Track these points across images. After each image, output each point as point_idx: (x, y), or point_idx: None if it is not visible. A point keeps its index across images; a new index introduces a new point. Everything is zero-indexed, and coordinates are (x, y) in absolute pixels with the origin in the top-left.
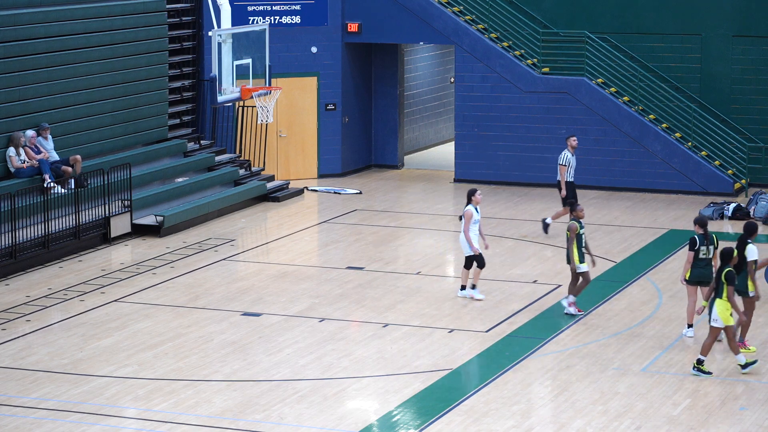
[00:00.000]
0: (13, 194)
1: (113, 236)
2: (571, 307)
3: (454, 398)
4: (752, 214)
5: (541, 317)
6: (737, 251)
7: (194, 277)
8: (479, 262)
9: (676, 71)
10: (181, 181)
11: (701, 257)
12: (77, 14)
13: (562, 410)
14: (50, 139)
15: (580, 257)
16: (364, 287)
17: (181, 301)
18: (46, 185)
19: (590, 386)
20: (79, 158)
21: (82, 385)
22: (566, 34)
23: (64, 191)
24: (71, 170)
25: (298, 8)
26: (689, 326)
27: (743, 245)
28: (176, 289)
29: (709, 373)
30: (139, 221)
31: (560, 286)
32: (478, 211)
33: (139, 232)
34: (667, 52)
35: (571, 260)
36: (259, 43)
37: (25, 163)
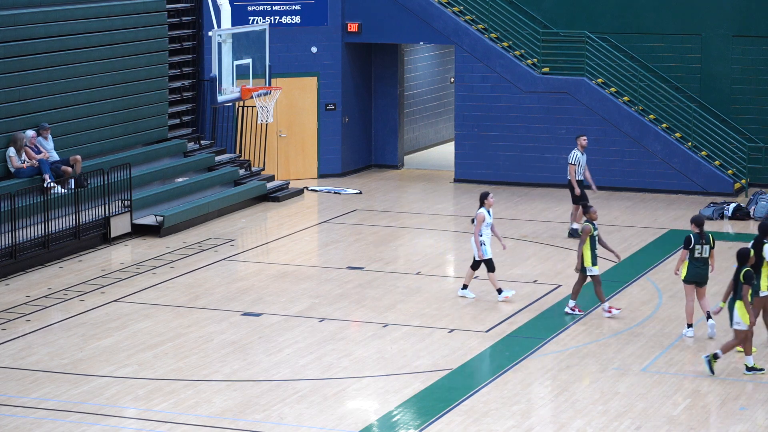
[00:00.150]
0: (13, 194)
1: (113, 236)
2: (575, 310)
3: (454, 398)
4: (752, 214)
5: (541, 317)
6: (754, 251)
7: (194, 277)
8: (489, 265)
9: (676, 71)
10: (181, 181)
11: (697, 256)
12: (77, 14)
13: (562, 410)
14: (50, 139)
15: (592, 260)
16: (364, 287)
17: (181, 301)
18: (46, 185)
19: (590, 386)
20: (79, 158)
21: (82, 385)
22: (566, 34)
23: (64, 191)
24: (71, 170)
25: (298, 8)
26: (689, 326)
27: (760, 245)
28: (176, 289)
29: (712, 373)
30: (139, 221)
31: (560, 286)
32: (490, 213)
33: (139, 232)
34: (667, 52)
35: (578, 262)
36: (259, 43)
37: (25, 163)
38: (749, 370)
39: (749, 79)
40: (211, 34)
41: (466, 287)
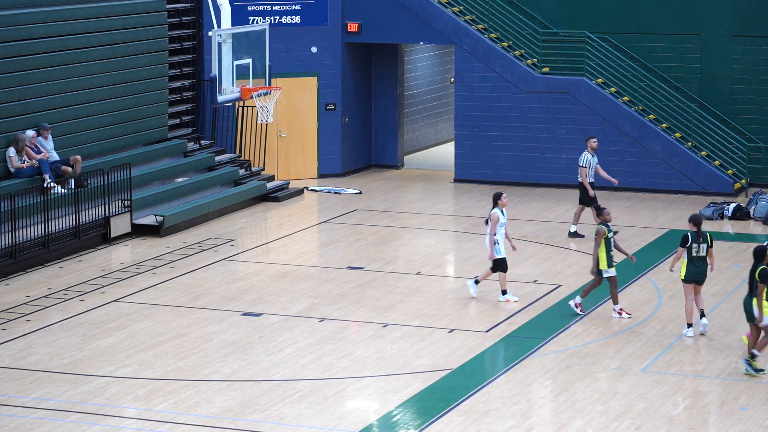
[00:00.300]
0: (13, 194)
1: (113, 236)
2: (578, 307)
3: (454, 398)
4: (752, 214)
5: (541, 317)
6: None
7: (194, 277)
8: (502, 265)
9: (676, 71)
10: (181, 181)
11: (695, 255)
12: (77, 14)
13: (562, 410)
14: (50, 139)
15: (608, 261)
16: (364, 287)
17: (181, 301)
18: (46, 185)
19: (590, 386)
20: (79, 158)
21: (82, 385)
22: (566, 34)
23: (64, 191)
24: (71, 170)
25: (298, 8)
26: (689, 326)
27: None
28: (176, 289)
29: (761, 370)
30: (139, 221)
31: (560, 286)
32: (504, 214)
33: (139, 232)
34: (667, 52)
35: (594, 264)
36: (259, 43)
37: (25, 163)
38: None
39: (749, 79)
40: (211, 34)
41: (505, 293)
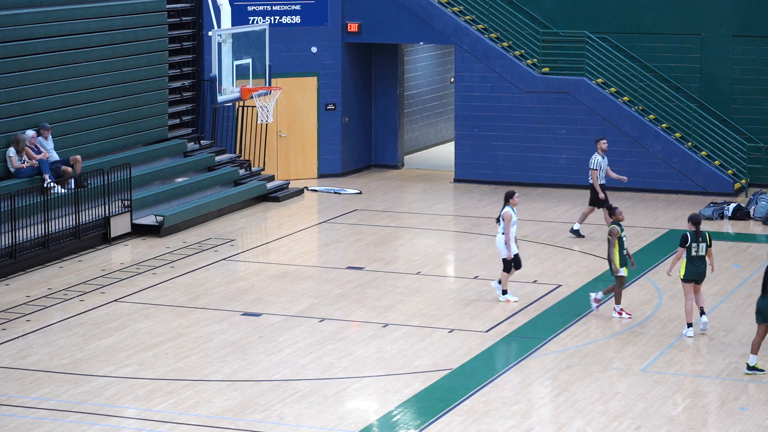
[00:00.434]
0: (13, 194)
1: (113, 236)
2: (621, 313)
3: (454, 398)
4: (752, 214)
5: (541, 317)
6: None
7: (194, 277)
8: (507, 265)
9: (676, 71)
10: (181, 181)
11: (694, 255)
12: (77, 14)
13: (562, 410)
14: (50, 139)
15: (621, 261)
16: (364, 287)
17: (181, 301)
18: (46, 185)
19: (590, 386)
20: (79, 158)
21: (82, 385)
22: (566, 34)
23: (64, 191)
24: (71, 170)
25: (298, 8)
26: (689, 325)
27: None
28: (176, 289)
29: (761, 370)
30: (139, 221)
31: (560, 286)
32: (515, 213)
33: (139, 232)
34: (667, 52)
35: (611, 264)
36: (259, 43)
37: (25, 163)
38: (750, 369)
39: (749, 79)
40: (211, 34)
41: (505, 292)
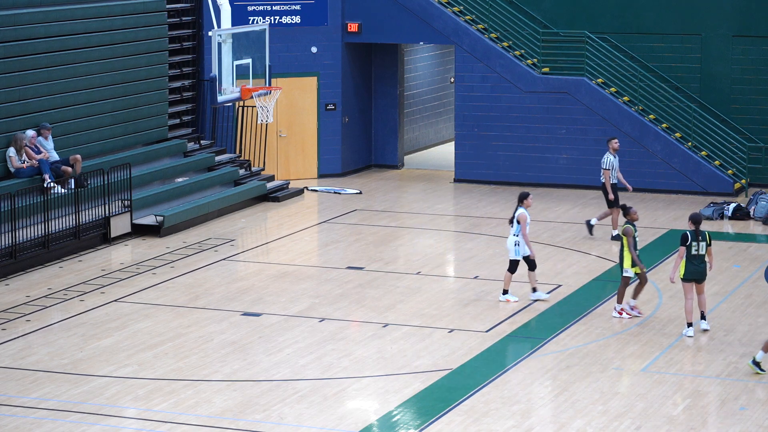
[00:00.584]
0: (13, 194)
1: (113, 236)
2: (633, 310)
3: (454, 398)
4: (752, 214)
5: (541, 317)
6: None
7: (194, 277)
8: (513, 267)
9: (676, 71)
10: (181, 181)
11: (694, 254)
12: (77, 14)
13: (562, 410)
14: (50, 139)
15: (632, 261)
16: (364, 287)
17: (181, 301)
18: (46, 185)
19: (590, 386)
20: (79, 158)
21: (82, 385)
22: (566, 34)
23: (64, 191)
24: (71, 170)
25: (298, 8)
26: (689, 325)
27: None
28: (176, 289)
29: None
30: (139, 221)
31: (560, 286)
32: (528, 214)
33: (139, 232)
34: (667, 52)
35: (639, 264)
36: (259, 43)
37: (25, 163)
38: (755, 363)
39: (749, 79)
40: (211, 34)
41: (535, 290)
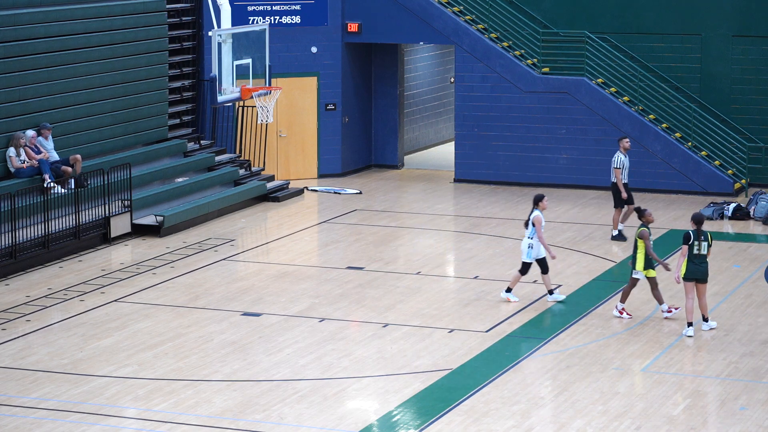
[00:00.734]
0: (13, 194)
1: (113, 236)
2: (670, 311)
3: (454, 398)
4: (752, 214)
5: (541, 317)
6: None
7: (194, 277)
8: (524, 268)
9: (676, 71)
10: (181, 181)
11: (696, 253)
12: (77, 14)
13: (562, 410)
14: (50, 139)
15: (645, 263)
16: (364, 287)
17: (181, 301)
18: (46, 185)
19: (590, 386)
20: (79, 158)
21: (82, 385)
22: (566, 34)
23: (64, 191)
24: (71, 170)
25: (298, 8)
26: (689, 324)
27: None
28: (176, 289)
29: None
30: (139, 221)
31: (560, 286)
32: (543, 216)
33: (139, 232)
34: (667, 52)
35: (661, 263)
36: (259, 43)
37: (25, 163)
38: None
39: (749, 79)
40: (211, 34)
41: (551, 293)
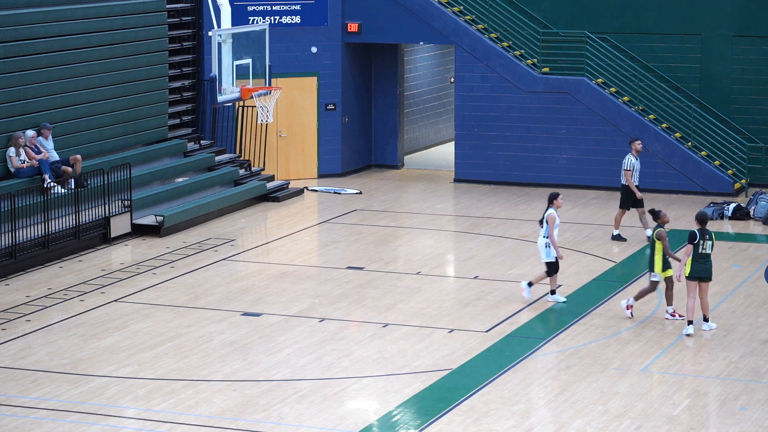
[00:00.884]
0: (13, 194)
1: (113, 236)
2: (674, 315)
3: (454, 398)
4: (752, 214)
5: (541, 317)
6: None
7: (194, 277)
8: (552, 268)
9: (676, 71)
10: (181, 181)
11: (701, 252)
12: (77, 14)
13: (562, 410)
14: (50, 139)
15: (663, 265)
16: (364, 287)
17: (181, 301)
18: (46, 185)
19: (590, 386)
20: (79, 158)
21: (82, 385)
22: (566, 34)
23: (64, 191)
24: (71, 170)
25: (298, 8)
26: (689, 323)
27: None
28: (176, 289)
29: None
30: (139, 221)
31: (560, 286)
32: (557, 215)
33: (139, 232)
34: (667, 52)
35: (652, 266)
36: (259, 43)
37: (25, 163)
38: None
39: (749, 79)
40: (211, 34)
41: (554, 293)
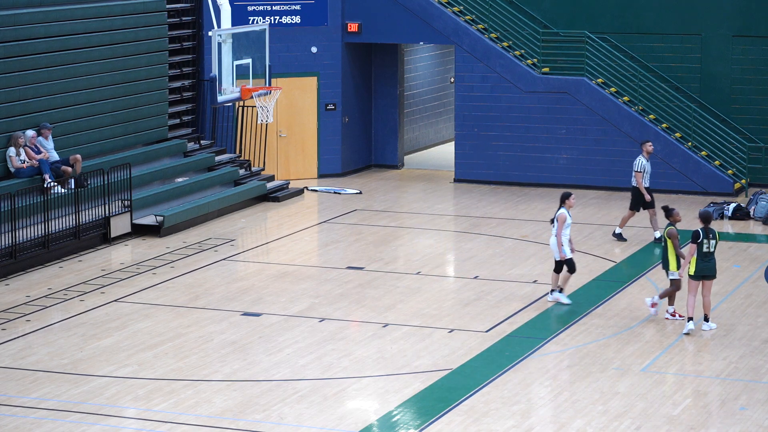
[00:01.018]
0: (13, 194)
1: (113, 236)
2: (674, 315)
3: (454, 398)
4: (752, 214)
5: (541, 317)
6: None
7: (194, 277)
8: (570, 266)
9: (676, 71)
10: (181, 181)
11: (705, 251)
12: (77, 14)
13: (562, 410)
14: (50, 139)
15: (678, 263)
16: (364, 287)
17: (181, 301)
18: (46, 185)
19: (590, 386)
20: (79, 158)
21: (82, 385)
22: (566, 34)
23: (64, 191)
24: (71, 170)
25: (298, 8)
26: (689, 319)
27: None
28: (176, 289)
29: None
30: (139, 221)
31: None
32: (570, 214)
33: (139, 232)
34: (667, 52)
35: (668, 266)
36: (259, 43)
37: (25, 163)
38: None
39: (749, 79)
40: (211, 34)
41: (552, 292)
